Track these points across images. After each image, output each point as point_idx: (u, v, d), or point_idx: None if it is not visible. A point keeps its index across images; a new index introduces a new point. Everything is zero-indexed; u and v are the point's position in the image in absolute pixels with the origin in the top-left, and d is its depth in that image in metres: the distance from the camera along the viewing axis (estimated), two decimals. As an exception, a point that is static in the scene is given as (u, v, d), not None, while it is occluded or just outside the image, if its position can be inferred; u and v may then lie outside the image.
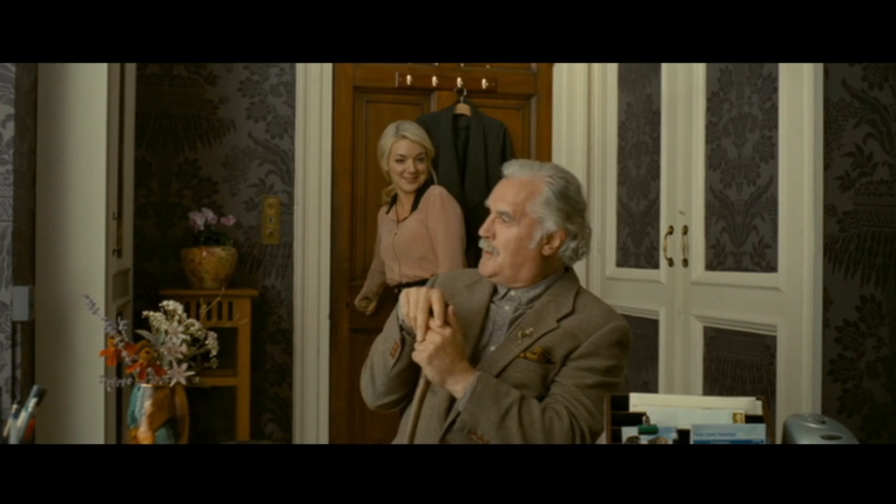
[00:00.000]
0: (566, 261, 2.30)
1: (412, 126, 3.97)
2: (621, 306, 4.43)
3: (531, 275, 2.25)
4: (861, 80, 3.15)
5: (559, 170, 2.32)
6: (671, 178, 3.91)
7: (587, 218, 2.32)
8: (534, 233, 2.22)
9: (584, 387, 2.13)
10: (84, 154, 2.79)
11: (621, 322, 2.27)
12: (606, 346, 2.19)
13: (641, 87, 4.28)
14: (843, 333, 3.14)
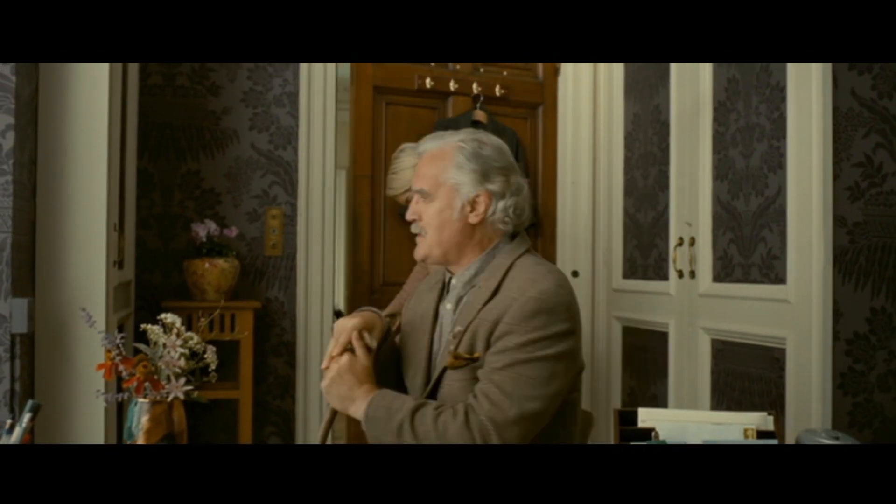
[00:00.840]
0: (501, 226, 2.08)
1: (392, 166, 3.55)
2: (629, 318, 4.39)
3: (464, 250, 2.08)
4: (870, 90, 3.12)
5: (473, 133, 2.14)
6: (680, 188, 3.88)
7: (514, 178, 2.09)
8: (454, 202, 2.04)
9: (493, 371, 1.92)
10: (85, 165, 2.76)
11: (542, 286, 1.96)
12: (520, 321, 1.92)
13: (649, 97, 4.25)
14: (853, 346, 3.09)
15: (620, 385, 4.51)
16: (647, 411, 2.07)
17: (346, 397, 1.96)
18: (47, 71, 2.73)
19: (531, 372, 1.89)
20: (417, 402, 1.93)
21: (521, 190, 2.09)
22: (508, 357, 1.91)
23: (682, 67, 3.88)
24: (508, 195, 2.06)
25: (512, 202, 2.06)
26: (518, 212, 2.08)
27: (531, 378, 1.88)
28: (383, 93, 4.38)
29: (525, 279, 1.98)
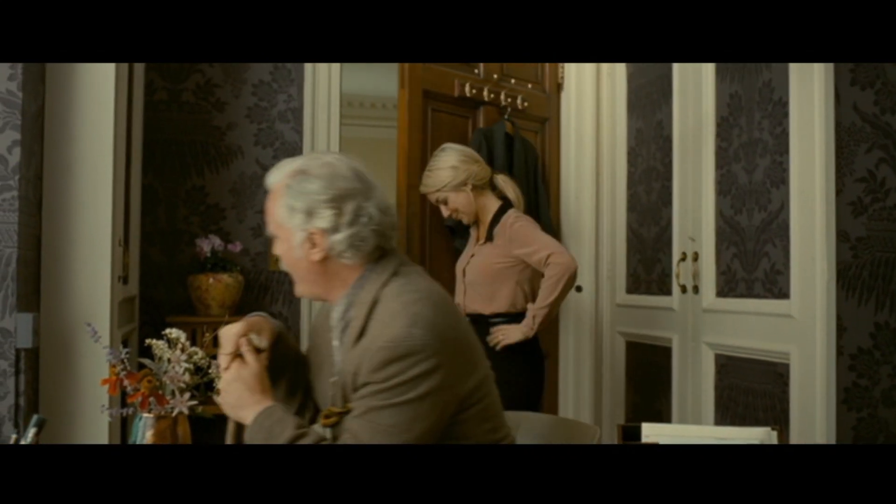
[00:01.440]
0: (347, 260, 1.90)
1: (428, 170, 3.47)
2: (633, 333, 4.39)
3: (329, 286, 1.93)
4: (873, 105, 3.13)
5: (306, 160, 1.94)
6: (683, 204, 3.88)
7: (349, 205, 1.88)
8: (292, 242, 1.89)
9: (353, 419, 1.81)
10: (91, 180, 2.77)
11: (393, 332, 1.79)
12: (373, 372, 1.78)
13: (651, 112, 4.26)
14: (857, 361, 3.09)
15: (624, 400, 4.51)
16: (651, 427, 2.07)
17: (236, 406, 1.83)
18: (53, 87, 2.75)
19: (388, 420, 1.77)
20: (297, 433, 1.80)
21: (359, 217, 1.88)
22: (364, 405, 1.79)
23: (684, 83, 3.89)
24: (344, 227, 1.86)
25: (348, 233, 1.87)
26: (359, 242, 1.88)
27: (389, 426, 1.77)
28: (430, 98, 4.19)
29: (382, 322, 1.83)
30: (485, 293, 3.29)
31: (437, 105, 4.21)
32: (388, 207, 1.95)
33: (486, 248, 3.33)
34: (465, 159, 3.39)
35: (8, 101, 2.53)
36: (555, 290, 3.15)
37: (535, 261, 3.20)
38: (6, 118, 2.53)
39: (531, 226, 3.29)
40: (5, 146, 2.53)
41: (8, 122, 2.53)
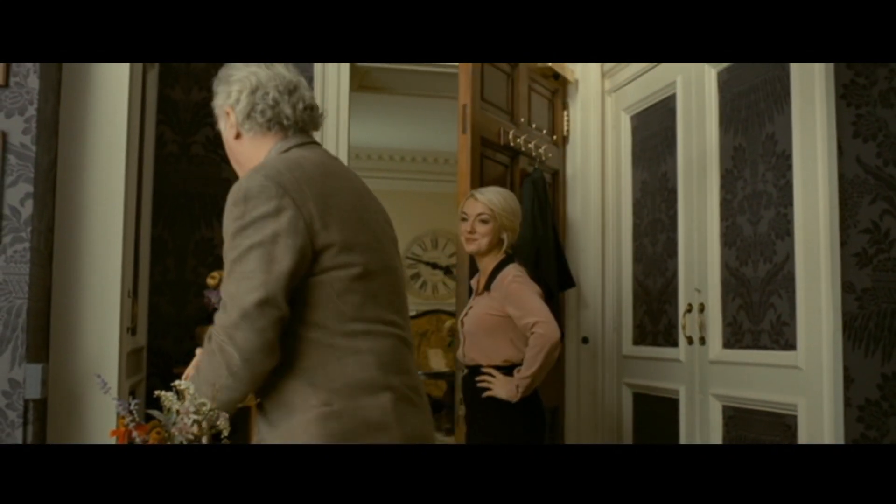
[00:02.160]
0: (249, 129, 2.06)
1: (491, 188, 3.47)
2: (639, 385, 4.38)
3: (246, 168, 2.09)
4: (875, 157, 3.16)
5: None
6: (688, 255, 3.90)
7: (253, 79, 2.03)
8: (222, 129, 2.16)
9: (224, 281, 1.85)
10: (101, 232, 2.80)
11: (246, 180, 1.88)
12: (224, 227, 1.87)
13: (656, 164, 4.30)
14: (865, 412, 3.08)
15: (632, 452, 4.48)
16: (658, 478, 2.06)
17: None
18: (66, 140, 2.79)
19: (244, 267, 1.79)
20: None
21: (256, 91, 2.03)
22: (228, 264, 1.82)
23: (688, 135, 3.93)
24: (243, 98, 2.04)
25: (245, 102, 2.04)
26: (256, 114, 2.03)
27: (249, 272, 1.78)
28: (485, 145, 4.09)
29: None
30: (481, 345, 3.27)
31: (488, 152, 4.13)
32: (294, 92, 2.04)
33: (483, 300, 3.32)
34: (520, 212, 3.44)
35: (21, 153, 2.57)
36: (535, 361, 3.10)
37: (522, 325, 3.17)
38: (19, 171, 2.57)
39: (525, 288, 3.22)
40: (18, 198, 2.56)
41: (21, 174, 2.56)
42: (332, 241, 1.85)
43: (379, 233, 2.01)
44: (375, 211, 2.04)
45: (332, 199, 1.90)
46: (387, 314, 1.94)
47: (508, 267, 3.29)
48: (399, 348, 1.95)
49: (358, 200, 1.99)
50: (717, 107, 3.76)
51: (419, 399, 1.99)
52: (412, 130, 10.05)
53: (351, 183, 2.02)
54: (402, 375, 1.93)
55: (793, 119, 3.25)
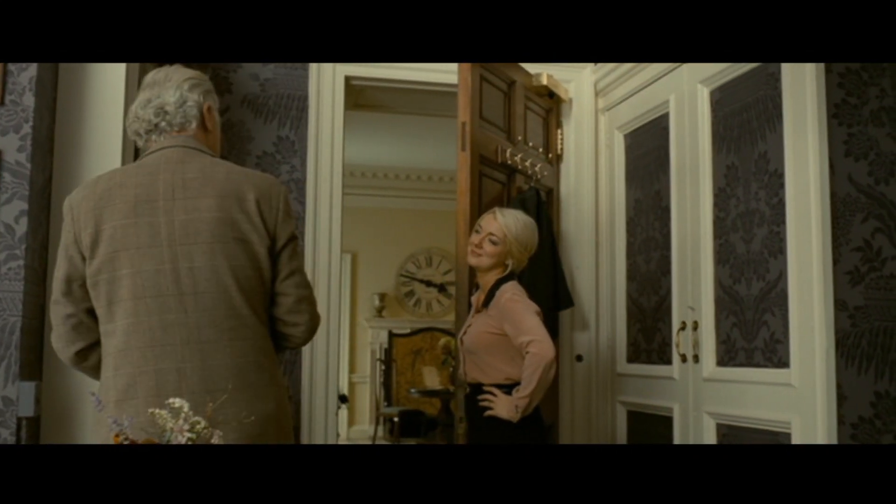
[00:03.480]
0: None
1: (515, 213, 3.45)
2: (634, 402, 4.38)
3: None
4: (867, 175, 3.18)
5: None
6: (682, 273, 3.91)
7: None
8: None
9: None
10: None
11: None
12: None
13: (650, 183, 4.31)
14: (858, 430, 3.09)
15: (626, 470, 4.47)
16: (652, 496, 2.06)
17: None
18: (61, 159, 2.80)
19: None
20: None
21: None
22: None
23: (681, 154, 3.95)
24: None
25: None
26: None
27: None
28: (483, 163, 4.08)
29: None
30: (481, 363, 3.27)
31: (486, 170, 4.12)
32: (139, 108, 2.24)
33: (481, 318, 3.33)
34: (533, 247, 3.43)
35: (17, 171, 2.57)
36: (531, 381, 3.09)
37: (517, 344, 3.16)
38: (14, 189, 2.57)
39: (521, 306, 3.21)
40: (13, 216, 2.56)
41: (16, 192, 2.57)
42: (90, 241, 2.21)
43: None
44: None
45: (100, 197, 2.24)
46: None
47: (507, 284, 3.29)
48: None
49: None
50: (709, 125, 3.78)
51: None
52: (406, 149, 10.08)
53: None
54: None
55: (785, 138, 3.27)
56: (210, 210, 2.12)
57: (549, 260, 4.26)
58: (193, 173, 2.16)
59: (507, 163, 4.22)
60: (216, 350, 2.09)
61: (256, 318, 2.17)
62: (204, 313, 2.10)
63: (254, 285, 2.16)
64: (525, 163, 4.37)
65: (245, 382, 2.11)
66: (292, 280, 2.22)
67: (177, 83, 2.23)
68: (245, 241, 2.14)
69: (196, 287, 2.10)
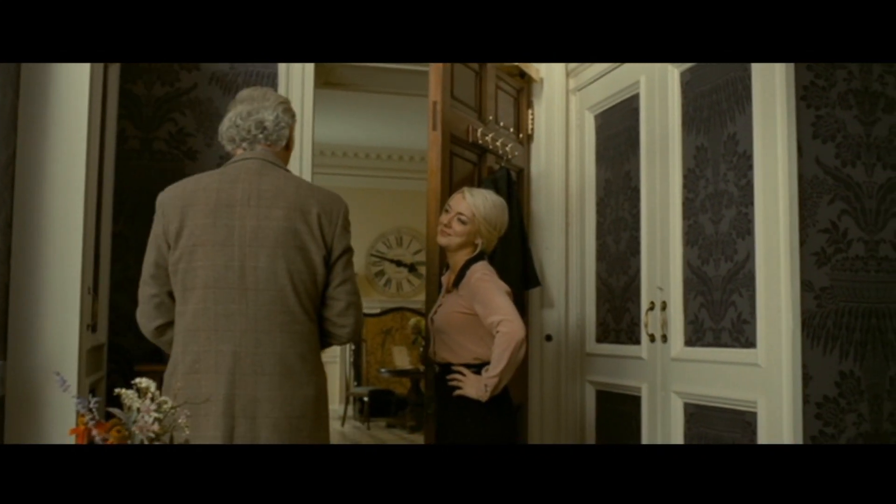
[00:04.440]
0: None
1: (484, 193, 3.44)
2: (602, 382, 4.41)
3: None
4: (834, 158, 3.21)
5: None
6: (651, 253, 3.93)
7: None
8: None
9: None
10: (61, 228, 2.76)
11: None
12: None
13: (620, 164, 4.33)
14: (823, 409, 3.13)
15: (594, 449, 4.51)
16: (620, 475, 2.07)
17: None
18: (25, 135, 2.75)
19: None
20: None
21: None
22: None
23: (651, 135, 3.96)
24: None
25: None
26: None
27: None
28: (454, 142, 4.05)
29: None
30: (451, 343, 3.27)
31: (457, 149, 4.09)
32: (238, 118, 2.61)
33: (451, 297, 3.32)
34: (503, 227, 3.40)
35: (-21, 149, 2.53)
36: (501, 360, 3.09)
37: (487, 324, 3.16)
38: (-23, 166, 2.53)
39: (492, 285, 3.21)
40: (-24, 194, 2.52)
41: (-21, 169, 2.52)
42: (176, 230, 2.60)
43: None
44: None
45: (188, 197, 2.64)
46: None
47: (477, 264, 3.29)
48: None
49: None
50: (679, 107, 3.79)
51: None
52: (377, 128, 10.03)
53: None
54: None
55: (754, 120, 3.29)
56: (278, 219, 2.48)
57: (518, 240, 4.27)
58: (268, 185, 2.52)
59: (478, 142, 4.21)
60: (268, 340, 2.45)
61: (307, 317, 2.51)
62: (261, 307, 2.46)
63: (308, 288, 2.50)
64: (496, 143, 4.36)
65: (290, 370, 2.46)
66: (344, 288, 2.57)
67: (274, 104, 2.62)
68: (304, 249, 2.49)
69: (258, 284, 2.46)
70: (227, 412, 2.40)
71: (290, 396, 2.45)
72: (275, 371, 2.44)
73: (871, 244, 3.24)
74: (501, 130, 4.47)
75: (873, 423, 3.19)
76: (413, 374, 10.08)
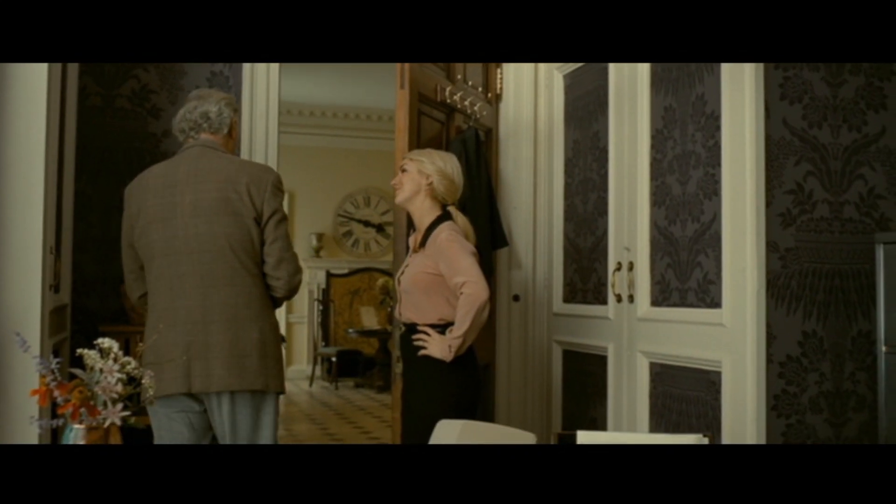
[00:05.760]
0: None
1: (429, 149, 3.45)
2: (569, 342, 4.44)
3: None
4: (801, 119, 3.22)
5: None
6: (618, 214, 3.94)
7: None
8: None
9: None
10: (22, 187, 2.71)
11: None
12: None
13: (588, 124, 4.32)
14: (786, 369, 3.17)
15: (561, 408, 4.55)
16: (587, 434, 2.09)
17: None
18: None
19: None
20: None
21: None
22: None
23: (619, 95, 3.95)
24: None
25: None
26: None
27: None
28: (422, 101, 4.01)
29: None
30: (417, 303, 3.26)
31: (425, 108, 4.06)
32: (187, 112, 3.02)
33: (418, 258, 3.31)
34: (453, 172, 3.35)
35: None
36: (465, 321, 3.09)
37: (452, 284, 3.16)
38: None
39: (458, 246, 3.19)
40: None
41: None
42: (135, 210, 2.97)
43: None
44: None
45: (146, 185, 3.01)
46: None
47: (443, 224, 3.27)
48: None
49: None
50: (648, 66, 3.78)
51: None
52: (344, 87, 9.94)
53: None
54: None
55: (722, 80, 3.29)
56: (212, 192, 2.87)
57: (485, 200, 4.26)
58: (205, 165, 2.91)
59: (446, 102, 4.18)
60: (214, 293, 2.86)
61: (246, 272, 2.89)
62: (206, 266, 2.86)
63: (245, 246, 2.88)
64: (464, 102, 4.33)
65: (234, 317, 2.86)
66: (276, 245, 2.92)
67: (217, 99, 3.03)
68: (237, 214, 2.87)
69: (201, 247, 2.86)
70: (187, 355, 2.82)
71: (236, 339, 2.84)
72: (222, 318, 2.85)
73: (835, 205, 3.26)
74: (470, 90, 4.44)
75: (835, 381, 3.23)
76: (381, 334, 10.09)
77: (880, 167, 3.32)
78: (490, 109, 4.67)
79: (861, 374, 3.27)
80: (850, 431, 3.25)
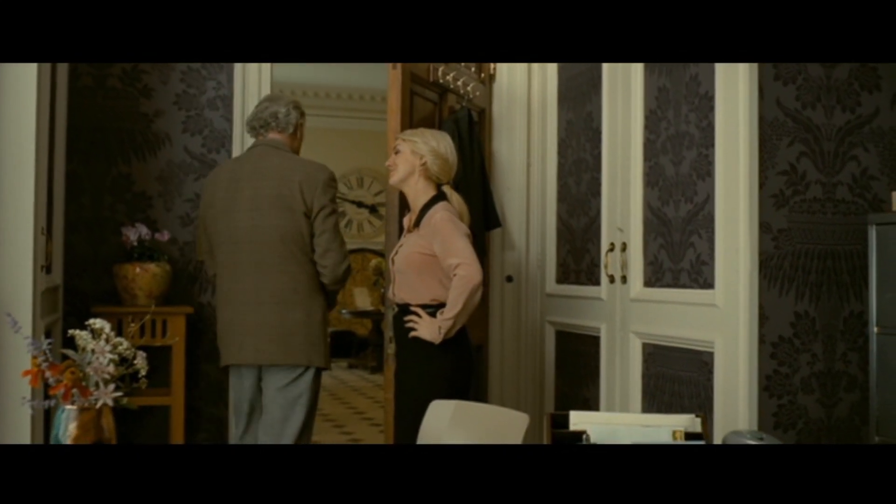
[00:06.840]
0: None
1: (421, 129, 3.45)
2: (562, 323, 4.44)
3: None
4: (795, 100, 3.21)
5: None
6: (612, 195, 3.94)
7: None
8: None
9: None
10: (13, 167, 2.70)
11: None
12: None
13: (581, 104, 4.31)
14: (778, 349, 3.18)
15: (554, 389, 4.56)
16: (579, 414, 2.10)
17: None
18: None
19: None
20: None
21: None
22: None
23: (613, 76, 3.94)
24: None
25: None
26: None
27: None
28: (414, 81, 3.99)
29: None
30: (410, 284, 3.25)
31: (417, 88, 4.04)
32: (259, 111, 3.44)
33: (412, 238, 3.30)
34: (447, 151, 3.33)
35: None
36: (457, 303, 3.08)
37: (445, 266, 3.15)
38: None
39: (452, 227, 3.18)
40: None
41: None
42: (206, 201, 3.44)
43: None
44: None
45: (216, 181, 3.47)
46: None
47: (438, 205, 3.26)
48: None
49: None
50: (642, 47, 3.77)
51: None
52: (336, 67, 9.88)
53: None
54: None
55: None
56: (267, 189, 3.27)
57: (479, 181, 4.25)
58: (266, 163, 3.31)
59: (438, 82, 4.16)
60: (266, 278, 3.27)
61: (295, 261, 3.29)
62: (259, 255, 3.28)
63: (295, 238, 3.28)
64: (457, 82, 4.32)
65: (283, 300, 3.28)
66: (323, 237, 3.30)
67: (286, 102, 3.42)
68: (290, 210, 3.26)
69: (257, 237, 3.27)
70: (241, 331, 3.29)
71: (283, 319, 3.27)
72: (272, 301, 3.28)
73: (828, 186, 3.26)
74: (463, 70, 4.42)
75: (826, 362, 3.25)
76: (374, 314, 10.10)
77: (873, 148, 3.32)
78: (483, 89, 4.65)
79: (853, 355, 3.28)
80: (842, 411, 3.27)
